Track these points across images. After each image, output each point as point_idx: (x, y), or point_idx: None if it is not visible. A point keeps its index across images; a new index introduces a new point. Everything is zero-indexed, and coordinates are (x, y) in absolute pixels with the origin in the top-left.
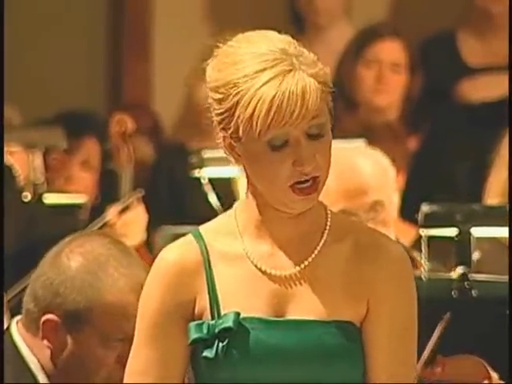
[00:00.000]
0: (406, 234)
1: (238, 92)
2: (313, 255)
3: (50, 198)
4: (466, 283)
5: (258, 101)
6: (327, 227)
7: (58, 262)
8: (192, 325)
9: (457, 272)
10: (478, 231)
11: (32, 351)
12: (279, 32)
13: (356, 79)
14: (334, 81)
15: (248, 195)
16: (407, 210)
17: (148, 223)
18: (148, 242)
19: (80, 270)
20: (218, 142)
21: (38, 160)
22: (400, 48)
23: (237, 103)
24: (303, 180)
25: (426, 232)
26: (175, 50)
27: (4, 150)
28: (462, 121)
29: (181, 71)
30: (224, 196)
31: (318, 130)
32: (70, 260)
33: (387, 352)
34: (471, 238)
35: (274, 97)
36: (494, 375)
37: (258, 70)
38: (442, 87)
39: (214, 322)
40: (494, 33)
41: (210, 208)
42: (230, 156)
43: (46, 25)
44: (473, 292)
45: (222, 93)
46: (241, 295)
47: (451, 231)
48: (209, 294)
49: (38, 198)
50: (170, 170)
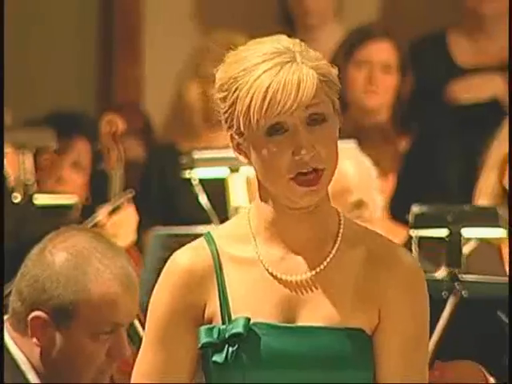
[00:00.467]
0: (396, 235)
1: (238, 86)
2: (325, 262)
3: (41, 199)
4: (456, 284)
5: (255, 90)
6: (340, 234)
7: (42, 258)
8: (202, 329)
9: (447, 272)
10: (468, 232)
11: (21, 350)
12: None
13: (346, 80)
14: None
15: (260, 197)
16: (398, 210)
17: (138, 224)
18: (138, 243)
19: (64, 265)
20: (230, 145)
21: (28, 161)
22: (390, 49)
23: (237, 98)
24: (305, 172)
25: (416, 233)
26: (165, 50)
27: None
28: (452, 121)
29: (171, 71)
30: (215, 197)
31: (317, 118)
32: (54, 256)
33: (401, 361)
34: (461, 239)
35: (269, 85)
36: (491, 380)
37: (257, 62)
38: (433, 88)
39: (224, 326)
40: (485, 33)
41: (201, 209)
42: (240, 157)
43: (36, 25)
44: (463, 292)
45: (225, 90)
46: (252, 300)
47: (441, 232)
48: (219, 298)
49: (28, 198)
50: (160, 170)
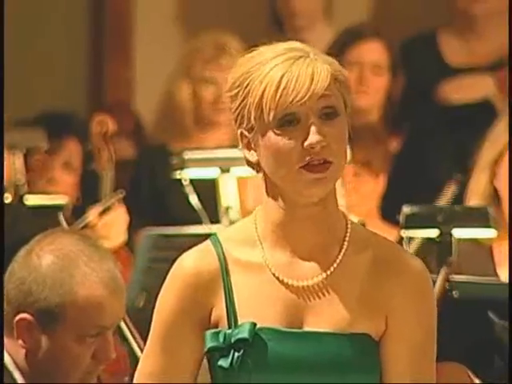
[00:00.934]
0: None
1: (251, 80)
2: (332, 268)
3: (31, 200)
4: (446, 284)
5: (268, 80)
6: (347, 238)
7: (29, 261)
8: (208, 333)
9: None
10: (458, 232)
11: (8, 352)
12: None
13: None
14: None
15: (267, 200)
16: (388, 211)
17: (129, 224)
18: (129, 243)
19: (51, 268)
20: (239, 148)
21: (18, 161)
22: (381, 49)
23: (249, 91)
24: (315, 162)
25: (407, 233)
26: (156, 50)
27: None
28: (443, 122)
29: (162, 72)
30: (205, 197)
31: (329, 113)
32: (41, 258)
33: (408, 367)
34: (452, 239)
35: (283, 75)
36: (476, 381)
37: (270, 57)
38: (424, 88)
39: (230, 331)
40: (476, 33)
41: (191, 209)
42: (249, 154)
43: (27, 25)
44: (453, 293)
45: (237, 86)
46: (258, 304)
47: (432, 232)
48: (226, 301)
49: (18, 199)
50: (151, 170)
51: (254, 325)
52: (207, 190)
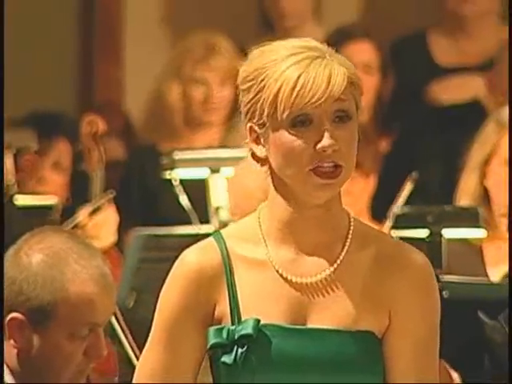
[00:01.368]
0: None
1: (266, 76)
2: (335, 264)
3: (21, 200)
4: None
5: (285, 79)
6: (350, 235)
7: (18, 260)
8: (211, 329)
9: None
10: (449, 232)
11: None
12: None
13: None
14: None
15: (272, 197)
16: (378, 211)
17: (119, 224)
18: (119, 244)
19: (41, 266)
20: (245, 142)
21: (9, 161)
22: (371, 49)
23: (263, 86)
24: (325, 166)
25: (397, 233)
26: (146, 51)
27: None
28: (433, 122)
29: (152, 72)
30: (195, 197)
31: (342, 116)
32: (30, 257)
33: (411, 362)
34: (442, 240)
35: (299, 75)
36: (455, 375)
37: (286, 54)
38: (414, 88)
39: (233, 327)
40: (465, 33)
41: (181, 209)
42: (257, 149)
43: (16, 26)
44: (444, 293)
45: (251, 80)
46: (261, 301)
47: (422, 232)
48: (229, 298)
49: (8, 199)
50: (141, 171)
51: (258, 321)
52: (197, 190)
